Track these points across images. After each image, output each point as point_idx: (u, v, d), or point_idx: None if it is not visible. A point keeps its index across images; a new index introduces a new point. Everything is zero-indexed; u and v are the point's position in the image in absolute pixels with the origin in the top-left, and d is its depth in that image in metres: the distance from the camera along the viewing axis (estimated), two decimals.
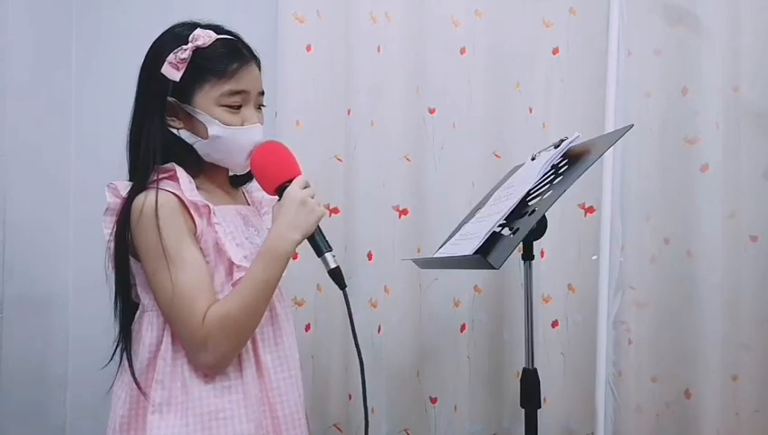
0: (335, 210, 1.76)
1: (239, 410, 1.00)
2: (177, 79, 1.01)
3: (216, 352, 0.97)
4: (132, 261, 1.04)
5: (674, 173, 1.63)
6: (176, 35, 1.05)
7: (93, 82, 1.96)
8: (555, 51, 1.70)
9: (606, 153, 1.27)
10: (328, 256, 1.03)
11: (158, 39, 1.07)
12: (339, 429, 1.75)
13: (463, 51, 1.72)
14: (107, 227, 1.04)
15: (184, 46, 1.01)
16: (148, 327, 1.02)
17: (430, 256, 1.48)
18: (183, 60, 1.00)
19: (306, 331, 1.75)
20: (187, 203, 1.00)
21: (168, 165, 1.04)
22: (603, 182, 1.51)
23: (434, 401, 1.71)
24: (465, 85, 1.72)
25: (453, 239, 1.33)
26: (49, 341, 1.89)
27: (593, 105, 1.61)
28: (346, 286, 1.04)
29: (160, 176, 1.02)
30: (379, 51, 1.74)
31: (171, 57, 1.01)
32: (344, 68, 1.76)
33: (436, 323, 1.72)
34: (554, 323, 1.67)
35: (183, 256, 0.98)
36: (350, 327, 1.05)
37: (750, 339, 1.59)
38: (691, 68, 1.62)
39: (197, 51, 1.01)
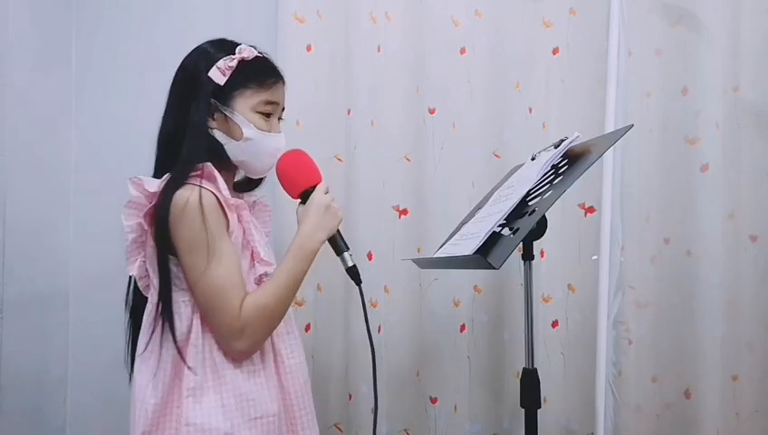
0: None
1: (263, 391, 1.10)
2: (222, 83, 1.11)
3: (252, 339, 1.08)
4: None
5: (674, 173, 1.63)
6: (221, 46, 1.15)
7: (93, 82, 1.96)
8: (555, 51, 1.70)
9: (606, 153, 1.27)
10: (346, 254, 1.17)
11: (200, 48, 1.17)
12: (339, 429, 1.75)
13: (463, 51, 1.72)
14: (128, 219, 1.09)
15: (232, 56, 1.12)
16: (177, 318, 1.08)
17: (430, 256, 1.48)
18: (230, 67, 1.11)
19: (306, 331, 1.75)
20: (222, 201, 1.08)
21: (206, 164, 1.11)
22: (603, 182, 1.51)
23: (434, 401, 1.71)
24: (465, 85, 1.72)
25: (453, 239, 1.33)
26: (49, 341, 1.89)
27: (593, 105, 1.61)
28: (362, 282, 1.18)
29: (199, 174, 1.09)
30: (378, 51, 1.74)
31: (221, 63, 1.11)
32: (344, 68, 1.76)
33: (436, 323, 1.72)
34: (554, 323, 1.67)
35: (222, 250, 1.06)
36: (364, 323, 1.18)
37: (750, 339, 1.59)
38: (691, 68, 1.62)
39: (242, 62, 1.12)
